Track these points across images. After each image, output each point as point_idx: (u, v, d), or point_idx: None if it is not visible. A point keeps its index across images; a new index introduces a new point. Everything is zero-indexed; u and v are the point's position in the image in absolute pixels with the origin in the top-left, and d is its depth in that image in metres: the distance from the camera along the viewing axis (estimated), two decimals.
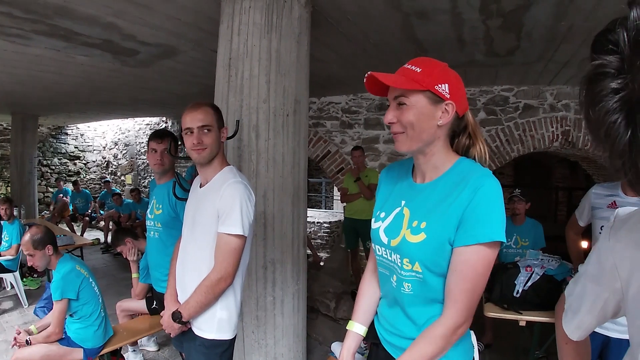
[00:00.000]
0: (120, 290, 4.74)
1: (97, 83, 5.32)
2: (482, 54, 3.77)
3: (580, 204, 2.36)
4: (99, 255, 7.03)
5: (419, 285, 1.09)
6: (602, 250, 0.78)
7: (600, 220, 2.15)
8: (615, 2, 2.46)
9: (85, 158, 11.90)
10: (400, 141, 1.10)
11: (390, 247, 1.15)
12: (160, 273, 2.49)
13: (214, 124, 1.67)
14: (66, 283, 2.46)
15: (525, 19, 2.91)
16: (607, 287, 0.76)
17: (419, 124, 1.06)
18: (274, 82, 2.40)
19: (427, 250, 1.05)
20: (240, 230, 1.59)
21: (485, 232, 0.98)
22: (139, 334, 3.01)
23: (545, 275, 2.68)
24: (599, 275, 0.78)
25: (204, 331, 1.67)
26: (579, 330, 0.88)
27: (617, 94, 0.46)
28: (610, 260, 0.74)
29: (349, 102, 6.05)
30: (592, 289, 0.81)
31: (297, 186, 2.54)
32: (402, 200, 1.18)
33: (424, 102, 1.05)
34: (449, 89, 1.05)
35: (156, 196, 2.47)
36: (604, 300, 0.78)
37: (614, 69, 0.47)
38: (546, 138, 5.07)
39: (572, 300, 0.88)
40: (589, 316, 0.83)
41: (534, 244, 3.51)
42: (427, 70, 1.06)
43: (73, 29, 3.22)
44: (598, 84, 0.48)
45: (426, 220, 1.07)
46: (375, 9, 2.80)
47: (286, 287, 2.51)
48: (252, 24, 2.40)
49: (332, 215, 9.46)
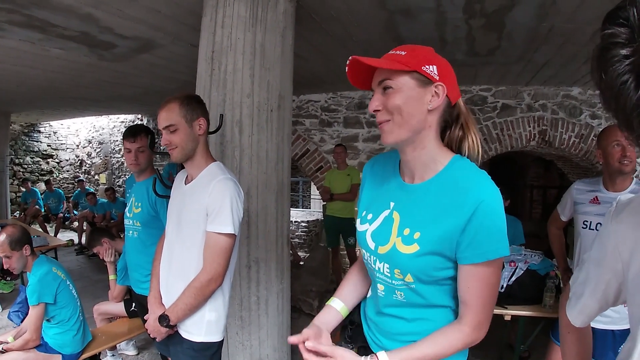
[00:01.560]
0: (96, 293, 4.61)
1: (72, 78, 5.14)
2: (463, 53, 3.81)
3: (562, 199, 2.39)
4: (74, 257, 6.84)
5: (411, 294, 1.04)
6: (604, 234, 0.81)
7: (582, 215, 2.18)
8: (596, 5, 2.52)
9: (58, 156, 11.52)
10: (386, 131, 1.01)
11: (376, 254, 1.08)
12: (140, 274, 2.40)
13: (179, 120, 1.56)
14: (43, 287, 2.35)
15: (507, 20, 2.95)
16: (609, 269, 0.78)
17: (407, 108, 0.97)
18: (258, 77, 2.35)
19: (421, 263, 0.99)
20: (231, 228, 1.53)
21: (493, 249, 0.94)
22: (118, 337, 2.92)
23: (528, 270, 2.73)
24: (601, 258, 0.81)
25: (192, 334, 1.61)
26: (582, 316, 0.90)
27: (627, 59, 0.52)
28: (612, 241, 0.77)
29: (329, 100, 6.03)
30: (594, 272, 0.83)
31: (281, 183, 2.50)
32: (390, 201, 1.09)
33: (412, 84, 0.97)
34: (437, 71, 0.98)
35: (135, 194, 2.38)
36: (605, 283, 0.80)
37: (624, 39, 0.53)
38: (523, 137, 5.19)
39: (576, 287, 0.90)
40: (591, 300, 0.86)
41: (513, 240, 3.57)
42: (412, 52, 0.99)
43: (49, 20, 3.10)
44: (610, 51, 0.54)
45: (420, 231, 0.99)
46: (361, 6, 2.78)
47: (270, 286, 2.47)
48: (237, 17, 2.34)
49: (309, 214, 9.44)
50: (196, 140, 1.62)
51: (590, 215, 2.12)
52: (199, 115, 1.63)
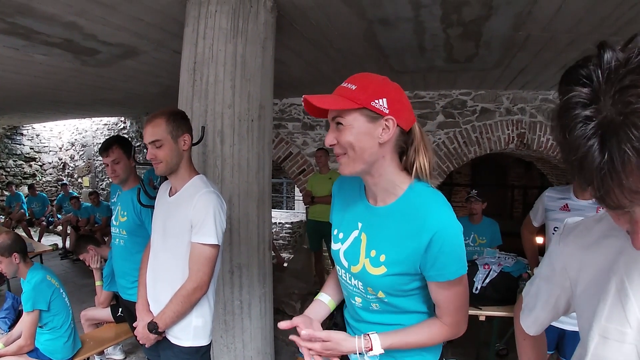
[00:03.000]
0: (82, 298, 4.59)
1: (56, 83, 5.13)
2: (442, 60, 3.89)
3: (535, 205, 2.49)
4: (58, 261, 6.76)
5: (385, 306, 1.13)
6: (553, 254, 0.88)
7: (553, 222, 2.28)
8: (571, 15, 2.62)
9: (41, 159, 11.36)
10: (342, 164, 1.05)
11: (351, 273, 1.16)
12: (127, 281, 2.46)
13: (165, 136, 1.62)
14: (37, 294, 2.40)
15: (485, 29, 3.03)
16: (558, 286, 0.85)
17: (358, 144, 1.01)
18: (239, 87, 2.41)
19: (388, 282, 1.08)
20: (215, 239, 1.61)
21: (453, 271, 1.02)
22: (106, 342, 2.95)
23: (502, 272, 2.81)
24: (551, 275, 0.87)
25: (180, 340, 1.68)
26: (535, 326, 0.97)
27: (590, 120, 0.51)
28: (561, 261, 0.84)
29: None
30: (545, 288, 0.90)
31: (262, 191, 2.56)
32: (358, 222, 1.16)
33: (361, 121, 1.00)
34: (387, 104, 1.00)
35: (121, 203, 2.44)
36: (555, 297, 0.87)
37: (586, 99, 0.53)
38: (502, 140, 5.30)
39: (529, 300, 0.97)
40: (543, 312, 0.93)
41: (491, 241, 3.67)
42: (362, 86, 1.01)
43: (33, 28, 3.11)
44: (572, 111, 0.54)
45: (385, 254, 1.07)
46: (340, 16, 2.85)
47: (253, 290, 2.53)
48: (218, 29, 2.40)
49: (293, 215, 9.48)
50: (180, 155, 1.68)
51: (561, 222, 2.21)
52: (184, 132, 1.69)
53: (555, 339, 2.26)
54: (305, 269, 5.31)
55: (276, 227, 8.46)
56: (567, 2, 2.46)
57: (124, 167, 2.41)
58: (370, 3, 2.63)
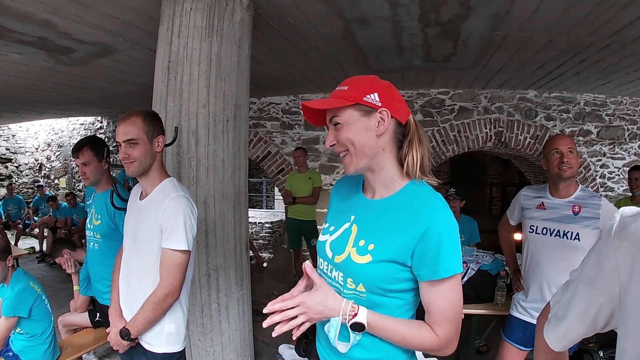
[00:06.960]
0: (59, 302, 4.48)
1: (31, 82, 5.02)
2: (420, 59, 3.92)
3: (511, 204, 2.52)
4: (35, 265, 6.60)
5: (362, 303, 1.06)
6: (602, 250, 0.72)
7: (529, 220, 2.31)
8: (548, 14, 2.66)
9: (17, 160, 11.09)
10: (346, 163, 1.09)
11: (333, 263, 1.13)
12: (103, 285, 2.41)
13: (141, 136, 1.60)
14: (20, 301, 2.35)
15: (462, 28, 3.05)
16: (603, 292, 0.71)
17: (357, 138, 1.06)
18: (214, 87, 2.38)
19: (371, 273, 1.04)
20: (185, 245, 1.58)
21: (446, 267, 0.99)
22: (84, 348, 2.90)
23: (480, 270, 2.85)
24: (596, 278, 0.72)
25: (153, 346, 1.65)
26: (563, 341, 0.82)
27: None
28: (612, 260, 0.69)
29: (289, 102, 6.08)
30: (585, 294, 0.75)
31: (238, 191, 2.53)
32: (352, 214, 1.16)
33: (356, 115, 1.05)
34: (379, 97, 1.05)
35: (95, 206, 2.38)
36: (598, 307, 0.72)
37: None
38: (480, 139, 5.38)
39: (559, 308, 0.82)
40: (578, 324, 0.77)
41: (470, 239, 3.72)
42: (354, 85, 1.07)
43: (7, 26, 3.03)
44: None
45: (374, 242, 1.05)
46: (317, 15, 2.84)
47: (230, 293, 2.50)
48: (193, 27, 2.36)
49: (273, 215, 9.46)
50: (153, 156, 1.66)
51: (537, 220, 2.25)
52: (159, 133, 1.68)
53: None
54: (284, 269, 5.29)
55: (256, 226, 8.42)
56: (544, 3, 2.50)
57: (93, 170, 2.35)
58: (347, 2, 2.63)
